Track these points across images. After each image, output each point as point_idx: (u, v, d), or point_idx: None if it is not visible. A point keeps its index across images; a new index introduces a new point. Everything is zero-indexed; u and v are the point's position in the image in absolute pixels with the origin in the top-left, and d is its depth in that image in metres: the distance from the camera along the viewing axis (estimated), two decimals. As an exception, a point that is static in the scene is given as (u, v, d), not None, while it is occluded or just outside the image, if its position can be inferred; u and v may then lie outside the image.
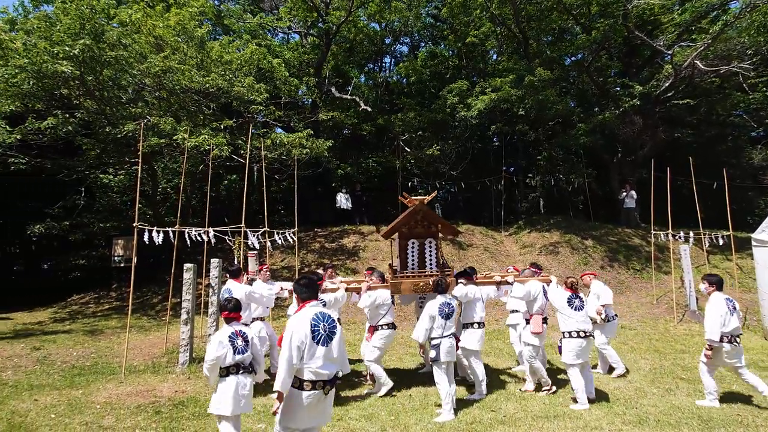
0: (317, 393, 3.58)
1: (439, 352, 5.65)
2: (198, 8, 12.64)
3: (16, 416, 5.44)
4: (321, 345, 3.64)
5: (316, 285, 4.08)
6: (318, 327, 3.68)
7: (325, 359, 3.64)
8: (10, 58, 10.41)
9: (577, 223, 16.01)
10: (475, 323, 6.41)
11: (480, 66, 18.61)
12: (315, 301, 3.89)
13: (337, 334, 3.78)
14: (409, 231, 6.62)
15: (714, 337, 5.70)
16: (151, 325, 10.48)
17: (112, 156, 13.58)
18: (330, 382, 3.65)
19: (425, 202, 6.46)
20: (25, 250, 18.86)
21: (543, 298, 6.53)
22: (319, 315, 3.75)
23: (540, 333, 6.38)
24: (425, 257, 6.63)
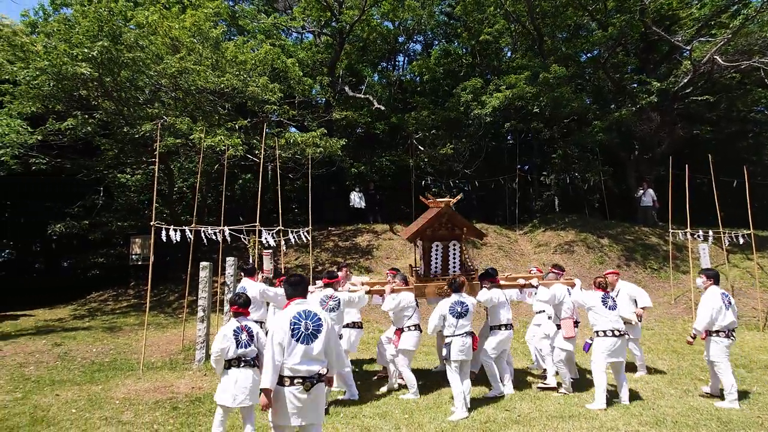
0: (296, 389, 3.56)
1: (450, 351, 5.64)
2: (213, 9, 12.76)
3: (38, 410, 5.57)
4: (301, 343, 3.62)
5: (306, 284, 4.06)
6: (299, 325, 3.67)
7: (303, 357, 3.61)
8: (32, 60, 10.64)
9: (593, 221, 15.83)
10: (503, 326, 6.40)
11: (494, 63, 18.49)
12: (300, 299, 3.87)
13: (322, 333, 3.72)
14: (433, 233, 6.57)
15: (700, 328, 5.92)
16: (168, 323, 10.64)
17: (129, 156, 13.80)
18: (311, 380, 3.59)
19: (451, 205, 6.43)
20: (46, 249, 19.25)
21: (569, 301, 6.46)
22: (302, 313, 3.73)
23: (573, 337, 6.33)
24: (449, 260, 6.59)
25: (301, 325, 3.67)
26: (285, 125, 15.14)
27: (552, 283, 6.65)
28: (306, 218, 10.28)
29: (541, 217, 17.07)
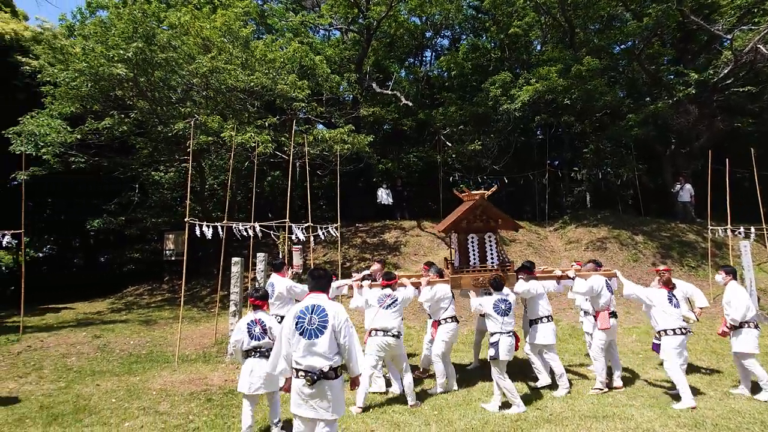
0: (301, 382, 3.56)
1: (498, 350, 5.55)
2: (243, 9, 12.95)
3: (80, 399, 5.79)
4: (303, 336, 3.60)
5: (328, 279, 3.99)
6: (303, 319, 3.64)
7: (306, 351, 3.58)
8: (71, 62, 11.02)
9: (627, 217, 15.40)
10: (544, 317, 6.41)
11: (523, 57, 18.16)
12: (316, 293, 3.80)
13: (328, 329, 3.61)
14: (467, 226, 6.60)
15: (738, 317, 6.00)
16: (200, 317, 10.89)
17: (162, 154, 14.17)
18: (312, 374, 3.53)
19: (485, 197, 6.45)
20: (85, 245, 19.97)
21: (608, 292, 6.40)
22: (309, 307, 3.69)
23: (609, 329, 6.25)
24: (486, 252, 6.61)
25: (305, 320, 3.64)
26: (313, 122, 15.26)
27: (590, 275, 6.53)
28: (333, 215, 10.35)
29: (572, 214, 16.71)
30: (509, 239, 14.15)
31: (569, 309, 10.44)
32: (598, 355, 6.29)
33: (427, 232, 14.61)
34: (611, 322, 6.34)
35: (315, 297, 3.77)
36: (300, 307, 3.73)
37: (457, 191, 6.99)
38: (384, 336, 5.79)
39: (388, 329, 5.80)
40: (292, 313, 3.73)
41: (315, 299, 3.75)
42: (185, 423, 5.10)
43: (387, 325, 5.80)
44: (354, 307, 6.49)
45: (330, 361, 3.59)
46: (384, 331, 5.79)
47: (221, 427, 5.01)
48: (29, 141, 11.17)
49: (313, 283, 3.85)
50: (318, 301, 3.73)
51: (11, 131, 11.35)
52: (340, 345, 3.67)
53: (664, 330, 5.94)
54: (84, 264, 20.28)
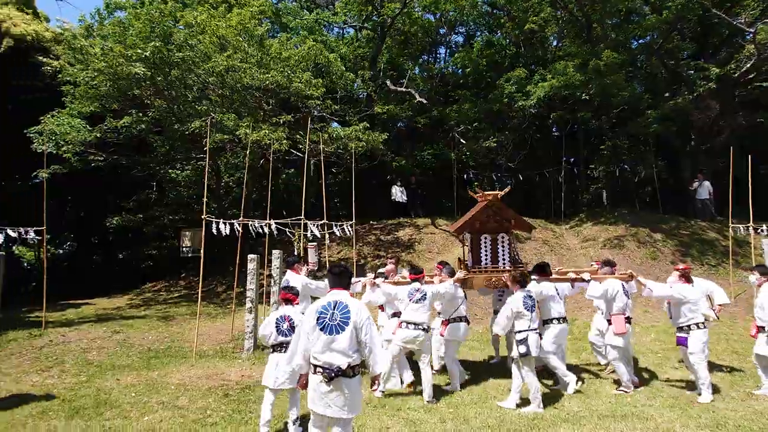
0: (318, 378, 3.55)
1: (528, 347, 5.52)
2: (258, 7, 13.00)
3: (101, 393, 5.90)
4: (324, 332, 3.59)
5: (349, 276, 4.00)
6: (325, 315, 3.64)
7: (325, 347, 3.57)
8: (90, 62, 11.20)
9: (645, 215, 15.15)
10: (554, 319, 6.36)
11: (539, 53, 17.96)
12: (338, 290, 3.80)
13: (350, 326, 3.59)
14: (481, 226, 6.62)
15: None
16: (217, 313, 11.01)
17: (179, 152, 14.34)
18: (329, 371, 3.51)
19: (499, 197, 6.46)
20: (104, 242, 20.30)
21: (624, 296, 6.26)
22: (331, 303, 3.68)
23: (624, 333, 6.11)
24: (498, 252, 6.63)
25: (327, 316, 3.63)
26: (327, 120, 15.30)
27: (605, 278, 6.44)
28: (347, 212, 10.37)
29: (588, 211, 16.50)
30: (524, 237, 14.03)
31: (586, 308, 10.33)
32: (616, 361, 6.18)
33: (441, 229, 14.56)
34: (627, 327, 6.20)
35: (337, 293, 3.77)
36: (322, 303, 3.72)
37: (471, 191, 7.00)
38: (414, 329, 5.88)
39: (417, 323, 5.89)
40: (314, 308, 3.72)
41: (337, 296, 3.74)
42: (203, 417, 5.17)
43: (416, 318, 5.90)
44: (365, 302, 6.51)
45: (349, 358, 3.57)
46: (414, 324, 5.89)
47: (238, 422, 5.07)
48: (50, 140, 11.39)
49: (334, 280, 3.84)
50: (340, 297, 3.73)
51: (33, 130, 11.58)
52: (360, 342, 3.65)
53: (696, 324, 5.91)
54: (103, 260, 20.62)
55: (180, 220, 16.26)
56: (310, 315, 3.70)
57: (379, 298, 6.31)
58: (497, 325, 5.68)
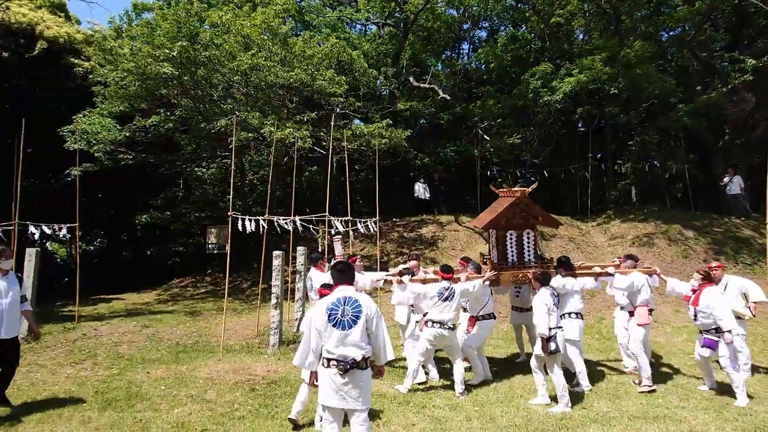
0: (332, 371, 3.62)
1: (557, 344, 5.50)
2: (281, 6, 13.10)
3: (132, 386, 6.04)
4: (337, 328, 3.67)
5: (352, 272, 4.11)
6: (336, 311, 3.72)
7: (339, 341, 3.66)
8: (119, 63, 11.46)
9: (676, 212, 14.74)
10: (573, 313, 6.37)
11: (565, 47, 17.59)
12: (344, 286, 3.89)
13: (361, 320, 3.70)
14: (507, 222, 6.59)
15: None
16: (242, 308, 11.16)
17: (205, 150, 14.58)
18: (345, 364, 3.60)
19: (527, 194, 6.47)
20: (133, 238, 20.80)
21: (648, 289, 6.31)
22: (341, 299, 3.77)
23: (647, 324, 6.19)
24: (523, 249, 6.62)
25: (338, 311, 3.72)
26: (350, 117, 15.32)
27: (630, 271, 6.48)
28: (370, 209, 10.37)
29: (616, 208, 16.14)
30: (549, 235, 13.81)
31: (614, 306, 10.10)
32: (638, 350, 6.18)
33: (465, 226, 14.44)
34: (649, 319, 6.30)
35: (344, 289, 3.86)
36: (332, 299, 3.80)
37: (493, 187, 7.02)
38: (439, 328, 5.89)
39: (443, 321, 5.90)
40: (324, 305, 3.79)
41: (345, 291, 3.84)
42: (231, 411, 5.24)
43: (443, 317, 5.91)
44: (396, 302, 6.52)
45: (363, 350, 3.68)
46: (440, 323, 5.90)
47: (265, 417, 5.11)
48: (82, 138, 11.71)
49: (340, 277, 3.96)
50: (348, 293, 3.83)
51: (66, 129, 11.91)
52: (371, 335, 3.76)
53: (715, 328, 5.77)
54: (132, 257, 21.13)
55: (206, 217, 16.53)
56: (321, 312, 3.75)
57: (409, 298, 6.30)
58: (542, 326, 5.52)
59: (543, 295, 5.66)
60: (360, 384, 3.66)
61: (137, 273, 18.13)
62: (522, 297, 7.34)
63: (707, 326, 5.84)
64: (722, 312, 5.65)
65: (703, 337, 5.89)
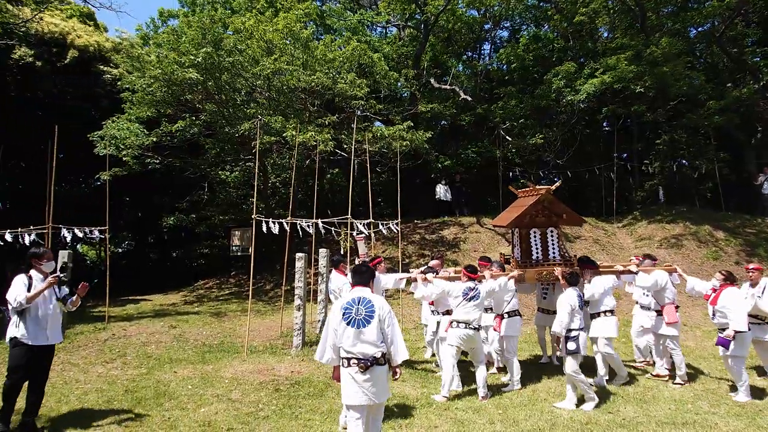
0: (353, 369, 3.79)
1: (578, 345, 5.53)
2: (303, 11, 13.25)
3: (160, 385, 6.18)
4: (352, 326, 3.85)
5: (371, 274, 4.30)
6: (350, 310, 3.90)
7: (355, 339, 3.83)
8: (147, 69, 11.76)
9: (706, 213, 14.35)
10: (608, 311, 6.37)
11: (589, 45, 17.33)
12: (361, 287, 4.07)
13: (374, 319, 3.86)
14: (531, 220, 6.64)
15: None
16: (266, 310, 11.30)
17: (229, 154, 14.83)
18: (365, 361, 3.77)
19: (551, 192, 6.52)
20: (159, 240, 21.27)
21: (672, 287, 6.42)
22: (356, 299, 3.95)
23: (677, 322, 6.30)
24: (548, 246, 6.65)
25: (352, 311, 3.90)
26: (371, 120, 15.38)
27: (651, 270, 6.53)
28: (391, 211, 10.39)
29: (643, 209, 15.79)
30: (573, 236, 13.61)
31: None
32: (675, 351, 6.35)
33: (487, 228, 14.32)
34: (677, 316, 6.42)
35: (360, 290, 4.06)
36: (347, 299, 4.00)
37: (512, 187, 7.16)
38: (465, 328, 5.89)
39: (469, 322, 5.90)
40: (339, 305, 4.00)
41: (360, 292, 4.03)
42: (256, 411, 5.31)
43: (468, 317, 5.91)
44: (419, 297, 6.58)
45: (379, 348, 3.86)
46: (465, 323, 5.90)
47: (289, 417, 5.17)
48: (111, 144, 12.03)
49: (358, 278, 4.17)
50: (363, 293, 4.02)
51: (96, 135, 12.27)
52: (384, 334, 3.92)
53: None
54: (158, 258, 21.61)
55: (229, 219, 16.80)
56: (336, 312, 3.97)
57: (433, 293, 6.35)
58: (559, 324, 5.59)
59: (570, 296, 5.67)
60: (379, 380, 3.85)
61: (164, 274, 18.53)
62: (549, 299, 7.30)
63: (723, 325, 5.92)
64: (736, 313, 5.73)
65: (717, 335, 6.02)
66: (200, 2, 16.80)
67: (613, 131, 16.91)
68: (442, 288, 6.23)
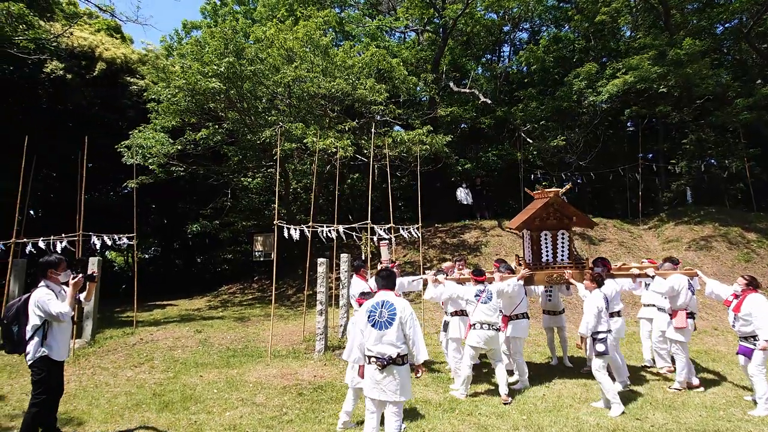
0: (372, 367, 4.05)
1: (606, 346, 5.48)
2: (323, 18, 13.42)
3: (187, 389, 6.29)
4: (375, 328, 4.11)
5: (394, 278, 4.50)
6: (374, 313, 4.16)
7: (377, 340, 4.07)
8: (171, 80, 12.06)
9: (736, 213, 13.94)
10: (617, 312, 6.40)
11: (611, 45, 17.07)
12: (385, 291, 4.30)
13: (396, 321, 4.08)
14: (541, 223, 6.66)
15: None
16: (288, 315, 11.40)
17: (251, 161, 15.06)
18: (382, 360, 3.99)
19: (559, 194, 6.52)
20: (184, 246, 21.70)
21: (688, 292, 6.22)
22: (379, 303, 4.20)
23: (685, 328, 6.15)
24: (557, 249, 6.65)
25: (376, 313, 4.16)
26: (391, 124, 15.43)
27: (668, 274, 6.36)
28: (412, 215, 10.38)
29: (670, 210, 15.42)
30: (598, 239, 13.38)
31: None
32: (679, 356, 6.20)
33: (509, 231, 14.20)
34: (688, 322, 6.22)
35: (384, 294, 4.30)
36: (372, 303, 4.25)
37: (528, 190, 7.22)
38: (488, 329, 5.96)
39: (490, 323, 5.97)
40: (365, 308, 4.26)
41: (384, 296, 4.27)
42: (280, 415, 5.37)
43: (488, 319, 5.97)
44: (428, 298, 6.74)
45: (398, 348, 4.06)
46: (488, 324, 5.97)
47: (313, 421, 5.21)
48: (138, 153, 12.36)
49: (382, 282, 4.39)
50: (387, 297, 4.25)
51: (123, 145, 12.62)
52: (405, 335, 4.12)
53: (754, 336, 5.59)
54: (184, 264, 22.04)
55: (252, 225, 17.04)
56: (362, 314, 4.23)
57: (442, 295, 6.45)
58: (585, 326, 5.54)
59: (597, 297, 5.62)
60: (397, 378, 4.02)
61: (189, 280, 18.89)
62: (554, 300, 7.45)
63: (745, 334, 5.67)
64: (764, 321, 5.43)
65: (739, 343, 5.81)
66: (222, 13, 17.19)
67: (637, 131, 16.59)
68: (451, 290, 6.33)
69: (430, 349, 8.54)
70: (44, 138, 13.59)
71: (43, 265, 4.49)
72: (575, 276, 6.41)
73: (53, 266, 4.49)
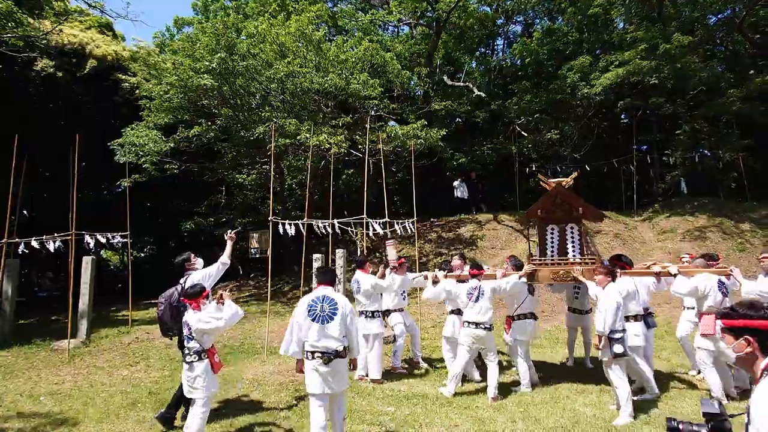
0: (317, 362, 4.09)
1: (625, 347, 5.02)
2: (315, 13, 13.32)
3: (183, 387, 6.25)
4: (316, 322, 4.16)
5: (333, 274, 4.70)
6: (315, 307, 4.22)
7: (320, 334, 4.13)
8: (163, 77, 11.95)
9: (730, 203, 14.00)
10: (633, 316, 5.70)
11: (604, 37, 17.06)
12: (325, 286, 4.39)
13: (338, 316, 4.19)
14: (547, 216, 6.20)
15: None
16: (285, 311, 11.38)
17: (245, 158, 14.99)
18: (328, 355, 4.08)
19: (564, 185, 6.11)
20: (179, 244, 21.59)
21: (718, 293, 5.50)
22: (320, 297, 4.27)
23: (712, 335, 5.38)
24: (566, 244, 6.15)
25: (317, 308, 4.22)
26: (385, 119, 15.38)
27: (694, 272, 5.65)
28: (407, 210, 10.36)
29: (664, 201, 15.49)
30: (594, 230, 13.40)
31: (665, 303, 9.68)
32: (703, 366, 5.51)
33: (504, 224, 14.20)
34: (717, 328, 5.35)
35: (324, 289, 4.38)
36: (311, 297, 4.31)
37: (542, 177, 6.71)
38: (475, 328, 5.79)
39: (478, 322, 5.77)
40: (304, 302, 4.30)
41: (324, 291, 4.35)
42: (276, 412, 5.36)
43: (478, 318, 5.77)
44: (427, 297, 6.58)
45: (342, 342, 4.18)
46: (475, 323, 5.78)
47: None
48: (131, 151, 12.26)
49: (321, 278, 4.50)
50: (327, 292, 4.34)
51: (116, 143, 12.52)
52: (347, 330, 4.26)
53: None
54: (179, 262, 21.89)
55: (247, 222, 16.98)
56: (302, 308, 4.26)
57: (440, 295, 6.30)
58: (603, 323, 5.01)
59: (614, 291, 5.20)
60: (339, 371, 4.17)
61: (184, 278, 18.76)
62: (581, 299, 6.90)
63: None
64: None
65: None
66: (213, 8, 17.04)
67: (631, 123, 16.63)
68: (448, 289, 6.12)
69: (427, 343, 8.59)
70: (36, 137, 13.45)
71: (180, 262, 5.68)
72: (586, 273, 5.74)
73: (187, 261, 5.69)
